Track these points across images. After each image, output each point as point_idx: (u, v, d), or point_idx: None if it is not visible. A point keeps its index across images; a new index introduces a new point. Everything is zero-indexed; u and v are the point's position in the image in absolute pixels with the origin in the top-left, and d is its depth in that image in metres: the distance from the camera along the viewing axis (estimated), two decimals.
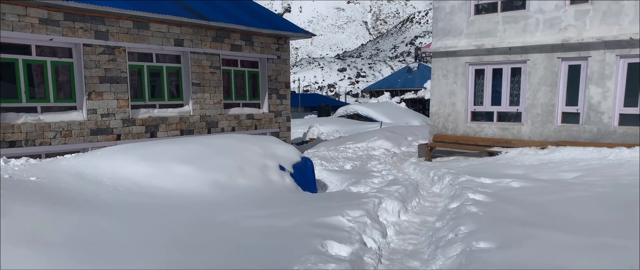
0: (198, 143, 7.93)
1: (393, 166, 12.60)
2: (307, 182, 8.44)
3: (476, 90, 13.01)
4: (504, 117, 12.62)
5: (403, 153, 15.07)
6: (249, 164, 7.64)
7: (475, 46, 12.50)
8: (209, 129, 13.08)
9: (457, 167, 11.19)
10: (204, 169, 7.05)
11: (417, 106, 35.90)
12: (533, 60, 11.77)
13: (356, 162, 12.44)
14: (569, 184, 7.81)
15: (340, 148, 15.76)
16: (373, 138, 16.45)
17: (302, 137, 27.14)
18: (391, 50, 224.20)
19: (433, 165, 11.91)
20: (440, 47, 13.19)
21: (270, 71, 14.64)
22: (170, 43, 12.09)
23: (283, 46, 14.91)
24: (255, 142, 8.51)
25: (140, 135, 11.67)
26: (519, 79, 12.20)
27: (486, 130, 12.72)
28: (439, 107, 13.59)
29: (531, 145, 11.71)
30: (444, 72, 13.35)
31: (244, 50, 13.82)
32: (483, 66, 12.72)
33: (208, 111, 13.04)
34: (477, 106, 13.01)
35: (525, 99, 12.02)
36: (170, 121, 12.24)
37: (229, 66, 13.81)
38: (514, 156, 11.38)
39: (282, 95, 15.09)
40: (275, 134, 14.95)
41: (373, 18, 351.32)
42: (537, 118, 11.86)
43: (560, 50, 11.31)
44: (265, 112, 14.68)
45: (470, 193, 6.43)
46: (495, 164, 11.03)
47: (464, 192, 6.54)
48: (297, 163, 8.52)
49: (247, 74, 14.30)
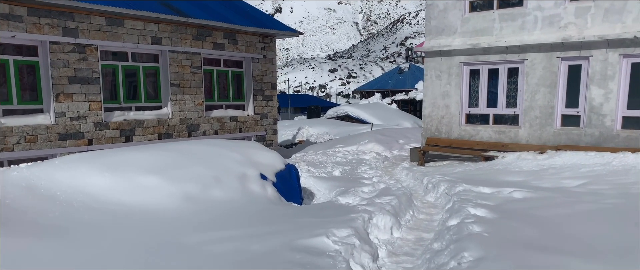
0: (170, 150, 7.19)
1: (384, 172, 11.95)
2: (291, 192, 7.74)
3: (471, 92, 12.40)
4: (501, 120, 12.03)
5: (395, 157, 14.43)
6: (227, 173, 6.92)
7: (470, 45, 11.90)
8: (189, 133, 12.32)
9: (452, 173, 10.56)
10: (175, 180, 6.32)
11: (408, 107, 35.34)
12: (531, 60, 11.18)
13: (346, 168, 11.77)
14: (575, 193, 7.20)
15: (330, 152, 15.08)
16: (363, 141, 15.79)
17: (291, 140, 26.43)
18: (382, 51, 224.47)
19: (426, 171, 11.28)
20: (433, 47, 12.57)
21: (255, 71, 13.91)
22: (147, 41, 11.31)
23: (269, 45, 14.19)
24: (235, 148, 7.80)
25: (114, 139, 10.89)
26: (516, 79, 11.61)
27: (482, 133, 12.11)
28: (432, 109, 12.96)
29: (529, 150, 11.12)
30: (438, 73, 12.73)
31: (227, 49, 13.08)
32: (478, 66, 12.12)
33: (188, 113, 12.28)
34: (472, 108, 12.40)
35: (522, 101, 11.43)
36: (147, 124, 11.47)
37: (211, 66, 13.06)
38: (511, 161, 10.78)
39: (268, 97, 14.38)
40: (261, 137, 14.23)
41: (364, 19, 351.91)
42: (535, 121, 11.27)
43: (559, 50, 10.73)
44: (250, 114, 13.95)
45: (470, 207, 5.77)
46: (492, 169, 10.42)
47: (464, 206, 5.89)
48: (281, 171, 7.82)
49: (230, 74, 13.56)
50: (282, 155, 16.43)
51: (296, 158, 14.09)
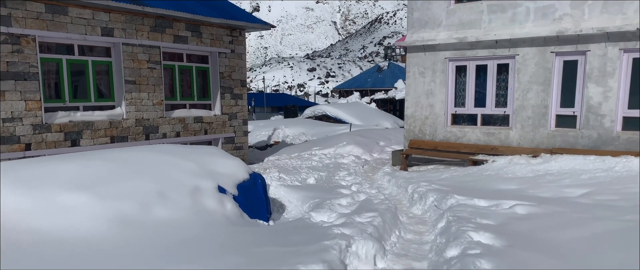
0: (108, 159, 5.94)
1: (364, 178, 10.87)
2: (256, 207, 6.58)
3: (457, 90, 11.44)
4: (490, 121, 11.10)
5: (375, 160, 13.39)
6: (175, 187, 5.71)
7: (456, 39, 10.93)
8: (147, 135, 11.01)
9: (439, 179, 9.56)
10: (107, 197, 5.08)
11: (387, 107, 34.47)
12: (523, 55, 10.27)
13: (322, 173, 10.65)
14: (584, 207, 6.24)
15: (305, 155, 13.95)
16: (342, 143, 14.71)
17: (267, 140, 25.20)
18: (360, 51, 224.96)
19: (410, 176, 10.25)
20: (416, 41, 11.56)
21: (222, 67, 12.67)
22: (96, 32, 9.96)
23: (237, 39, 12.96)
24: (189, 155, 6.58)
25: (57, 144, 9.51)
26: (506, 76, 10.69)
27: (469, 135, 11.16)
28: (415, 109, 11.95)
29: (521, 153, 10.21)
30: (421, 70, 11.73)
31: (191, 43, 11.80)
32: (465, 62, 11.16)
33: (146, 114, 10.96)
34: (458, 108, 11.44)
35: (513, 100, 10.52)
36: (97, 126, 10.12)
37: (172, 61, 11.76)
38: (502, 166, 9.84)
39: (237, 95, 13.14)
40: (229, 139, 12.99)
41: (342, 18, 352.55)
42: (527, 121, 10.37)
43: (554, 44, 9.84)
44: (217, 114, 12.70)
45: (470, 230, 4.72)
46: (483, 175, 9.46)
47: (462, 228, 4.83)
48: (244, 182, 6.65)
49: (195, 70, 12.28)
50: (255, 158, 15.22)
51: (268, 162, 12.91)
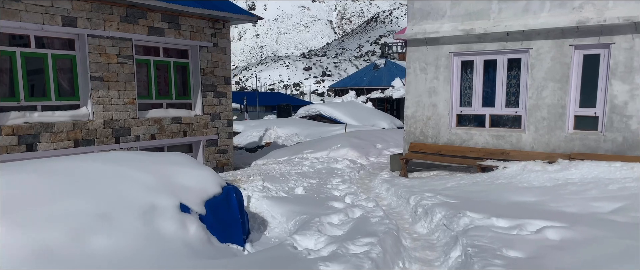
0: (39, 171, 4.78)
1: (360, 186, 9.76)
2: (229, 228, 5.44)
3: (463, 88, 10.34)
4: (499, 122, 10.00)
5: (372, 165, 12.27)
6: (123, 207, 4.57)
7: (462, 31, 9.82)
8: (117, 138, 9.84)
9: (444, 188, 8.45)
10: (28, 225, 3.94)
11: (384, 106, 33.38)
12: (537, 49, 9.18)
13: (312, 181, 9.51)
14: (625, 228, 5.14)
15: (295, 159, 12.81)
16: (336, 146, 13.59)
17: (258, 142, 24.06)
18: (356, 50, 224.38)
19: (411, 184, 9.15)
20: (417, 33, 10.44)
21: (204, 62, 11.50)
22: (56, 22, 8.79)
23: (221, 31, 11.80)
24: (147, 165, 5.43)
25: (10, 149, 8.34)
26: (518, 73, 9.59)
27: (476, 138, 10.06)
28: (416, 109, 10.84)
29: (535, 158, 9.12)
30: (423, 65, 10.62)
31: (168, 35, 10.63)
32: (472, 57, 10.06)
33: (116, 114, 9.79)
34: (464, 108, 10.33)
35: (526, 99, 9.42)
36: (58, 128, 8.95)
37: (147, 55, 10.60)
38: (515, 173, 8.74)
39: (221, 93, 11.99)
40: (212, 141, 11.83)
41: (338, 17, 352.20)
42: (542, 123, 9.27)
43: (573, 36, 8.75)
44: (198, 114, 11.53)
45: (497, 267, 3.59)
46: (494, 184, 8.36)
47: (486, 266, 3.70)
48: (215, 197, 5.50)
49: (173, 65, 11.11)
50: (241, 162, 14.07)
51: (255, 167, 11.76)
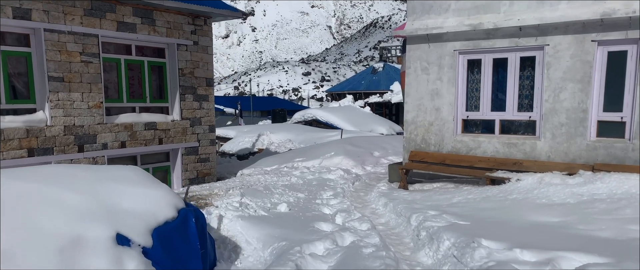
0: None
1: (354, 199, 8.65)
2: (185, 263, 4.32)
3: (469, 90, 9.25)
4: (511, 128, 8.91)
5: (368, 175, 11.15)
6: (34, 241, 3.46)
7: (468, 26, 8.75)
8: (80, 146, 8.72)
9: (450, 204, 7.34)
10: None
11: (383, 111, 32.30)
12: (554, 46, 8.10)
13: (300, 195, 8.40)
14: None
15: (285, 168, 11.70)
16: (329, 153, 12.48)
17: (250, 148, 22.97)
18: (355, 55, 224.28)
19: (412, 199, 8.03)
20: (418, 29, 9.36)
21: (183, 62, 10.41)
22: (6, 14, 7.70)
23: (202, 28, 10.72)
24: (80, 184, 4.31)
25: None
26: (532, 72, 8.51)
27: (485, 146, 8.96)
28: (416, 114, 9.74)
29: (552, 169, 8.01)
30: (424, 65, 9.53)
31: (141, 32, 9.55)
32: (480, 55, 8.98)
33: (79, 119, 8.69)
34: (471, 112, 9.24)
35: (542, 102, 8.33)
36: (9, 135, 7.83)
37: (116, 54, 9.51)
38: (531, 187, 7.63)
39: (202, 96, 10.89)
40: (192, 149, 10.72)
41: (337, 23, 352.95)
42: (560, 129, 8.18)
43: (596, 30, 7.68)
44: (175, 119, 10.43)
45: None
46: (508, 200, 7.24)
47: None
48: (167, 224, 4.38)
49: (147, 65, 10.03)
50: (226, 171, 12.94)
51: (239, 178, 10.62)
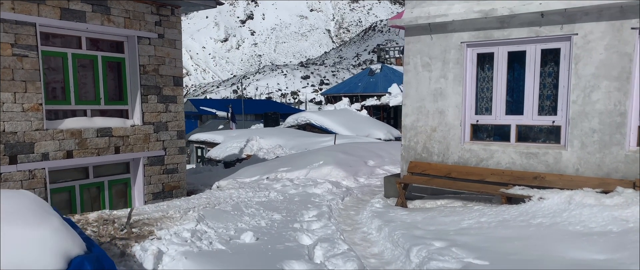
0: None
1: (342, 221, 7.19)
2: None
3: (480, 90, 7.81)
4: (529, 135, 7.45)
5: (361, 188, 9.67)
6: None
7: (478, 13, 7.31)
8: (12, 157, 7.26)
9: (459, 230, 5.89)
10: None
11: (380, 114, 30.86)
12: (584, 35, 6.66)
13: (276, 216, 6.93)
14: None
15: (265, 180, 10.23)
16: (317, 163, 11.02)
17: (238, 154, 21.52)
18: (354, 58, 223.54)
19: (412, 221, 6.58)
20: (418, 18, 7.92)
21: (145, 58, 8.96)
22: None
23: (168, 19, 9.28)
24: None
25: None
26: (556, 68, 7.07)
27: (498, 156, 7.49)
28: (417, 118, 8.29)
29: (582, 186, 6.56)
30: (426, 60, 8.09)
31: (91, 21, 8.10)
32: (492, 48, 7.54)
33: (10, 125, 7.22)
34: (481, 116, 7.79)
35: (568, 104, 6.88)
36: None
37: (61, 47, 8.06)
38: (559, 208, 6.18)
39: (169, 98, 9.43)
40: (157, 159, 9.25)
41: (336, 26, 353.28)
42: (591, 137, 6.72)
43: (637, 15, 6.24)
44: (136, 124, 8.96)
45: None
46: (531, 226, 5.78)
47: None
48: None
49: (101, 61, 8.57)
50: (200, 183, 11.43)
51: (206, 195, 9.02)
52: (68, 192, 8.23)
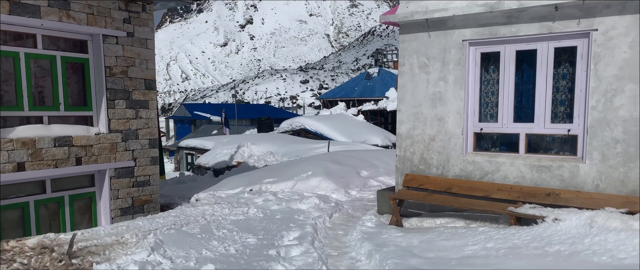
0: None
1: (328, 243, 6.29)
2: None
3: (484, 94, 6.91)
4: (541, 145, 6.55)
5: (352, 203, 8.75)
6: None
7: (482, 7, 6.42)
8: None
9: (463, 261, 4.99)
10: None
11: (378, 119, 29.98)
12: (605, 31, 5.77)
13: (250, 240, 6.01)
14: None
15: (247, 193, 9.31)
16: (306, 173, 10.12)
17: (228, 161, 20.62)
18: (353, 63, 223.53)
19: (407, 247, 5.67)
20: (414, 13, 7.04)
21: (112, 59, 8.06)
22: None
23: (138, 16, 8.39)
24: None
25: None
26: (572, 69, 6.18)
27: (506, 169, 6.59)
28: (413, 125, 7.39)
29: (604, 205, 5.64)
30: (423, 61, 7.20)
31: (48, 17, 7.21)
32: (498, 47, 6.64)
33: None
34: (486, 123, 6.89)
35: (586, 110, 5.98)
36: None
37: (13, 45, 7.16)
38: (578, 232, 5.26)
39: (139, 103, 8.52)
40: (125, 171, 8.33)
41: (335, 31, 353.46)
42: (613, 148, 5.82)
43: None
44: (101, 132, 8.05)
45: None
46: (547, 255, 4.86)
47: None
48: None
49: (60, 62, 7.67)
50: (178, 194, 10.45)
51: (175, 212, 8.09)
52: (21, 209, 7.30)
